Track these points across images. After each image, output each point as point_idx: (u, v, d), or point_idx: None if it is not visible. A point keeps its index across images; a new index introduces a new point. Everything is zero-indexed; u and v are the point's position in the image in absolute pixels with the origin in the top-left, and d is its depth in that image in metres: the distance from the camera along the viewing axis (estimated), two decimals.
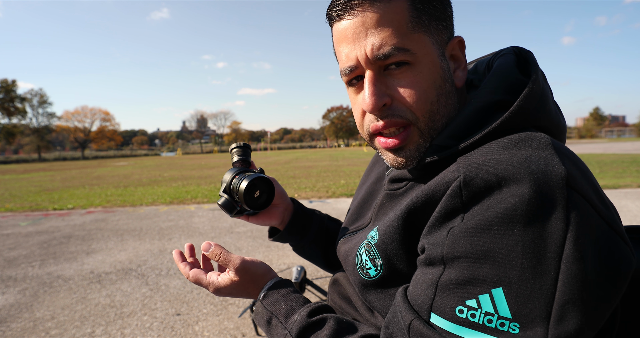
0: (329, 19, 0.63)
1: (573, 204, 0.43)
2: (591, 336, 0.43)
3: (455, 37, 0.64)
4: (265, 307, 0.69)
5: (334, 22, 0.62)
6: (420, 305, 0.50)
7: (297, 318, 0.64)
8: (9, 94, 64.68)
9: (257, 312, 0.70)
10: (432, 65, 0.59)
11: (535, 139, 0.50)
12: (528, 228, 0.43)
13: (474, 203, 0.47)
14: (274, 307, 0.68)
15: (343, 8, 0.59)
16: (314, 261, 1.00)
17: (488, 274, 0.44)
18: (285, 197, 0.94)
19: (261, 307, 0.69)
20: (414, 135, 0.61)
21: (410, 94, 0.58)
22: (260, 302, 0.70)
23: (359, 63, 0.59)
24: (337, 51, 0.64)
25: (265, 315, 0.68)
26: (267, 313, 0.68)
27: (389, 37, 0.57)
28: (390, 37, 0.57)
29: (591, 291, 0.42)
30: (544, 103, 0.58)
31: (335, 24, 0.62)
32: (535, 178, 0.44)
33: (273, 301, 0.69)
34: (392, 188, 0.71)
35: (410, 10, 0.57)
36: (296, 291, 0.71)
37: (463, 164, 0.51)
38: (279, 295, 0.69)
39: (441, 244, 0.49)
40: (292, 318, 0.64)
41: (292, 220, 0.93)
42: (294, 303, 0.67)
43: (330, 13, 0.62)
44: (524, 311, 0.42)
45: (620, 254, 0.45)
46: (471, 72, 0.75)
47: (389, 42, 0.57)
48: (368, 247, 0.64)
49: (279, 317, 0.66)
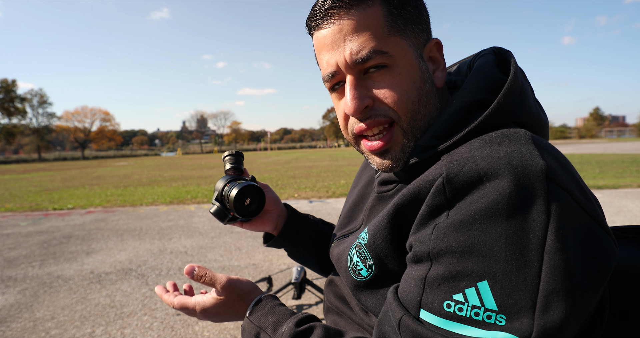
0: (309, 28, 0.66)
1: (553, 196, 0.44)
2: (577, 325, 0.44)
3: (432, 39, 0.66)
4: (252, 322, 0.68)
5: (314, 31, 0.65)
6: (410, 301, 0.50)
7: (285, 329, 0.64)
8: (9, 94, 64.74)
9: (244, 329, 0.70)
10: (410, 66, 0.61)
11: (516, 135, 0.52)
12: (510, 221, 0.44)
13: (458, 199, 0.49)
14: (261, 321, 0.68)
15: (321, 17, 0.62)
16: (308, 265, 1.01)
17: (473, 268, 0.45)
18: (278, 203, 0.95)
19: (248, 323, 0.69)
20: (398, 135, 0.63)
21: (391, 95, 0.60)
22: (247, 318, 0.70)
23: (339, 69, 0.62)
24: (318, 59, 0.67)
25: (254, 331, 0.68)
26: (255, 328, 0.68)
27: (366, 41, 0.59)
28: (367, 41, 0.59)
29: (575, 280, 0.43)
30: (524, 100, 0.59)
31: (315, 33, 0.65)
32: (515, 172, 0.45)
33: (260, 316, 0.69)
34: (382, 190, 0.72)
35: (385, 15, 0.60)
36: (282, 305, 0.71)
37: (446, 161, 0.52)
38: (265, 309, 0.69)
39: (427, 241, 0.50)
40: (280, 329, 0.65)
41: (286, 226, 0.95)
42: (281, 315, 0.67)
43: (309, 23, 0.65)
44: (509, 302, 0.43)
45: (603, 244, 0.47)
46: (454, 74, 0.77)
47: (367, 46, 0.59)
48: (359, 248, 0.65)
49: (267, 331, 0.66)
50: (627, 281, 0.66)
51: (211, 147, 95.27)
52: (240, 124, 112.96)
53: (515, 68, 0.60)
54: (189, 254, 4.21)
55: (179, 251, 4.32)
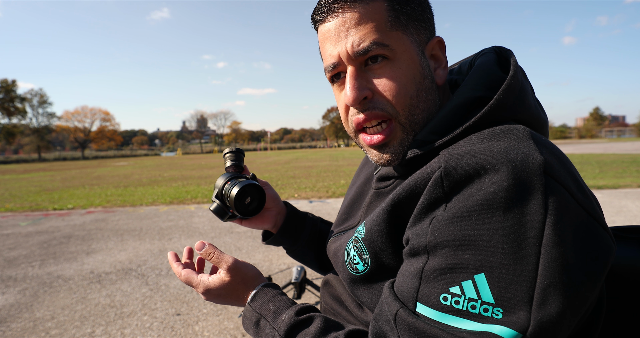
0: (314, 22, 0.68)
1: (551, 190, 0.45)
2: (574, 320, 0.44)
3: (435, 37, 0.67)
4: (253, 308, 0.69)
5: (318, 25, 0.67)
6: (406, 295, 0.50)
7: (285, 317, 0.65)
8: (9, 94, 64.76)
9: (245, 315, 0.71)
10: (410, 61, 0.62)
11: (514, 130, 0.52)
12: (508, 214, 0.44)
13: (455, 192, 0.49)
14: (262, 309, 0.68)
15: (325, 11, 0.64)
16: (307, 263, 1.02)
17: (470, 260, 0.45)
18: (278, 201, 0.95)
19: (249, 309, 0.70)
20: (397, 130, 0.64)
21: (390, 88, 0.61)
22: (249, 304, 0.71)
23: (341, 60, 0.63)
24: (322, 51, 0.68)
25: (254, 317, 0.69)
26: (255, 315, 0.68)
27: (368, 34, 0.60)
28: (369, 34, 0.60)
29: (572, 275, 0.43)
30: (523, 98, 0.60)
31: (319, 26, 0.67)
32: (513, 166, 0.46)
33: (261, 303, 0.69)
34: (380, 186, 0.72)
35: (389, 10, 0.61)
36: (283, 294, 0.72)
37: (444, 155, 0.53)
38: (266, 297, 0.70)
39: (424, 233, 0.50)
40: (280, 317, 0.65)
41: (285, 223, 0.95)
42: (282, 304, 0.68)
43: (314, 16, 0.67)
44: (506, 296, 0.43)
45: (600, 240, 0.47)
46: (455, 73, 0.78)
47: (368, 38, 0.60)
48: (356, 242, 0.66)
49: (267, 318, 0.67)
50: (626, 282, 0.66)
51: (211, 147, 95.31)
52: (240, 124, 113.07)
53: (515, 66, 0.61)
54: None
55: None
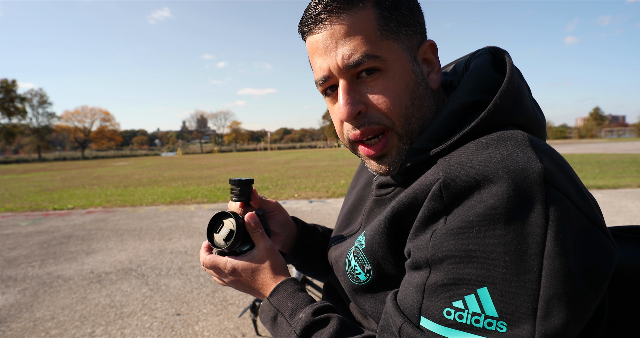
0: (302, 33, 0.66)
1: (552, 200, 0.44)
2: (578, 330, 0.44)
3: (426, 41, 0.65)
4: (272, 304, 0.69)
5: (306, 36, 0.65)
6: (410, 309, 0.50)
7: (302, 316, 0.64)
8: (9, 94, 64.72)
9: (263, 309, 0.71)
10: (403, 70, 0.60)
11: (513, 137, 0.51)
12: (509, 226, 0.44)
13: (455, 205, 0.48)
14: (281, 304, 0.68)
15: (312, 22, 0.62)
16: (317, 277, 1.01)
17: (472, 274, 0.44)
18: (286, 225, 0.91)
19: (268, 304, 0.70)
20: (394, 140, 0.62)
21: (383, 101, 0.60)
22: (268, 299, 0.71)
23: (332, 73, 0.61)
24: (311, 63, 0.66)
25: (272, 312, 0.69)
26: (273, 310, 0.68)
27: (358, 45, 0.58)
28: (359, 45, 0.58)
29: (575, 285, 0.42)
30: (520, 101, 0.59)
31: (307, 37, 0.65)
32: (513, 176, 0.45)
33: (280, 298, 0.69)
34: (380, 193, 0.72)
35: (377, 18, 0.59)
36: (302, 290, 0.71)
37: (442, 166, 0.52)
38: (286, 292, 0.70)
39: (425, 247, 0.49)
40: (297, 315, 0.65)
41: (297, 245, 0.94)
42: (300, 301, 0.68)
43: (301, 27, 0.65)
44: (510, 309, 0.42)
45: (602, 246, 0.46)
46: (450, 73, 0.76)
47: (359, 51, 0.58)
48: (357, 253, 0.65)
49: (285, 315, 0.67)
50: (626, 282, 0.66)
51: (211, 147, 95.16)
52: (240, 124, 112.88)
53: (512, 68, 0.59)
54: (189, 254, 4.21)
55: (179, 251, 4.32)
